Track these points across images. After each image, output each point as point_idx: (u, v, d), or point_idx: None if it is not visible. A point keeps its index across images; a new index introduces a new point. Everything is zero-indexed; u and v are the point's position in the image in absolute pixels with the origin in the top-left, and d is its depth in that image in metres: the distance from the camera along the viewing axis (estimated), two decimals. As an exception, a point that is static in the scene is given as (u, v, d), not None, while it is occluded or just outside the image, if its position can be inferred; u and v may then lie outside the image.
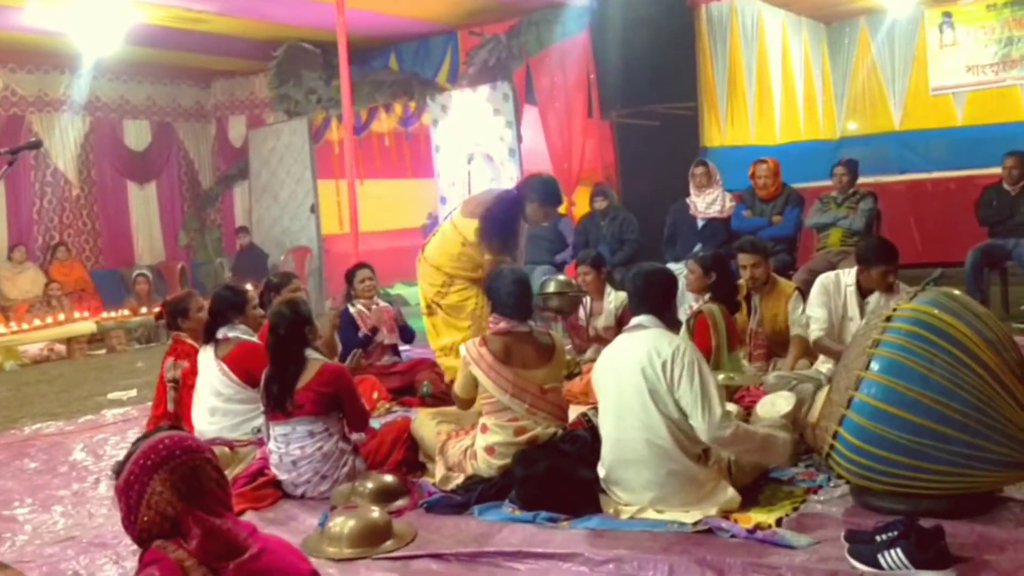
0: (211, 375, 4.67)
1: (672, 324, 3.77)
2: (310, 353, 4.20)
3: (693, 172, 7.82)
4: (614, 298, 6.11)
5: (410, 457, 4.33)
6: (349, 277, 6.40)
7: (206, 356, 4.74)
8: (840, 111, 9.86)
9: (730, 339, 5.04)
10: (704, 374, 3.47)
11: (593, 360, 5.87)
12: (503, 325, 4.06)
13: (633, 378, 3.51)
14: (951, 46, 9.28)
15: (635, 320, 3.72)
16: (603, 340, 5.86)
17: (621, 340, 3.75)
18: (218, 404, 4.64)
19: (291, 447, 4.09)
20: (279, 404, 4.09)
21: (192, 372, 4.86)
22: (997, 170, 7.30)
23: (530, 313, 4.17)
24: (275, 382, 4.12)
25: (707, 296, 5.17)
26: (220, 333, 4.75)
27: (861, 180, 7.38)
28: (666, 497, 3.48)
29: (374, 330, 6.20)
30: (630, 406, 3.52)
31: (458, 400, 4.26)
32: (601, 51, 10.30)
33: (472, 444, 4.05)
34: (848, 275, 4.98)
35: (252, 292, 5.32)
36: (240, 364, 4.62)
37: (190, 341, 5.06)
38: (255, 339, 4.81)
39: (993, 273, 7.11)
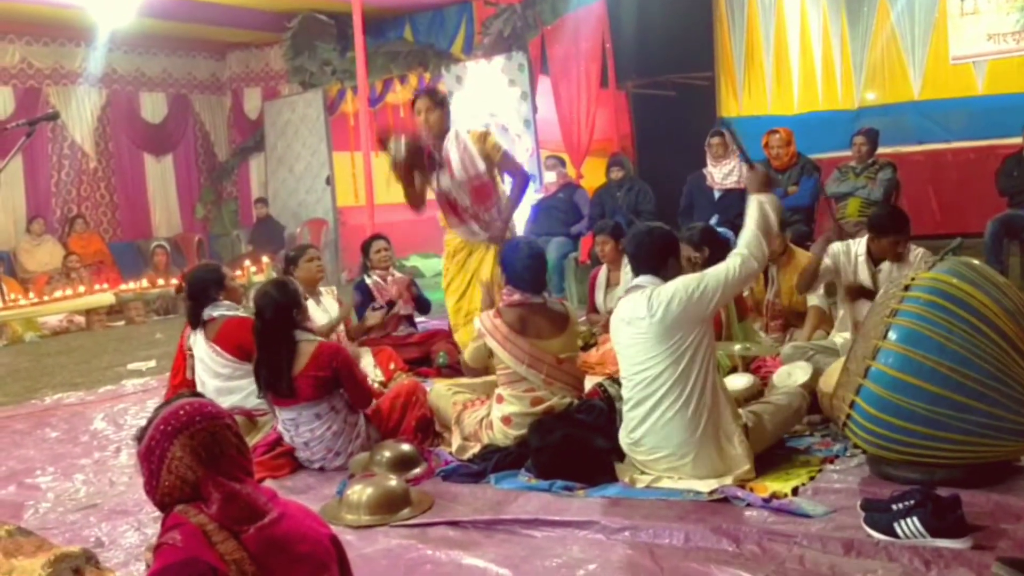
0: (207, 359, 4.60)
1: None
2: (301, 335, 4.08)
3: (710, 142, 7.78)
4: (631, 268, 6.09)
5: (423, 416, 4.32)
6: (365, 248, 6.41)
7: (198, 340, 4.64)
8: (859, 80, 9.73)
9: (739, 309, 5.05)
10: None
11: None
12: (517, 297, 4.06)
13: (640, 335, 3.52)
14: (972, 14, 9.14)
15: (635, 281, 3.73)
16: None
17: (623, 303, 3.74)
18: (221, 384, 4.57)
19: (300, 429, 4.09)
20: (272, 389, 4.03)
21: None
22: (1018, 140, 7.22)
23: (544, 286, 4.17)
24: (264, 367, 4.04)
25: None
26: (205, 314, 4.63)
27: (880, 150, 7.31)
28: (687, 452, 3.48)
29: (391, 303, 6.20)
30: (643, 361, 3.53)
31: (466, 368, 4.27)
32: (617, 20, 10.22)
33: (488, 414, 4.07)
34: (858, 244, 4.95)
35: (227, 267, 5.23)
36: (230, 341, 4.52)
37: None
38: (240, 312, 4.67)
39: (1012, 243, 7.05)
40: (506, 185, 5.42)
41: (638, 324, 3.55)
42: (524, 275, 4.07)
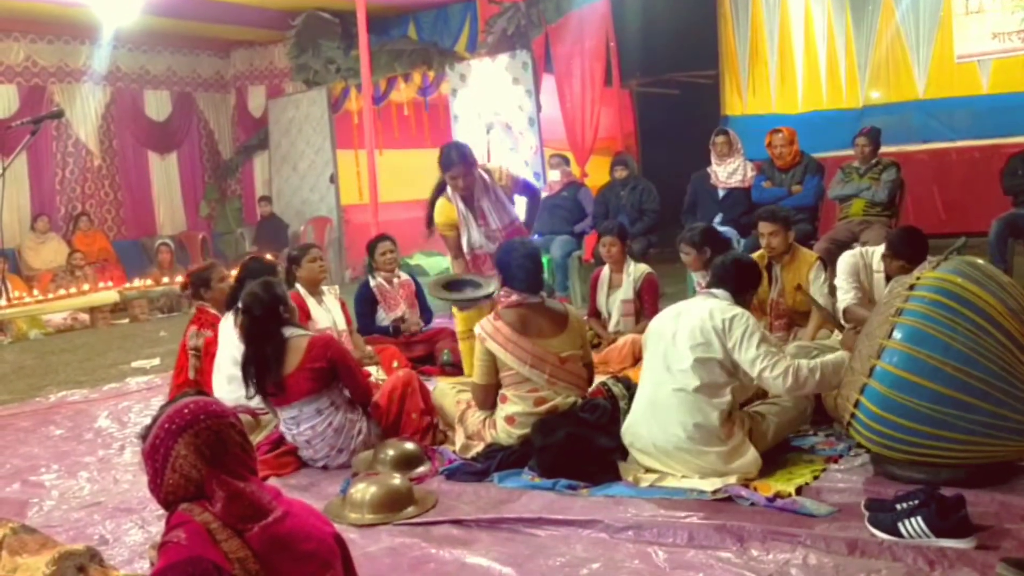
0: (230, 343, 4.64)
1: (743, 307, 3.80)
2: (292, 331, 4.09)
3: (714, 141, 7.76)
4: (633, 270, 6.05)
5: (421, 408, 4.29)
6: (370, 249, 6.36)
7: (226, 324, 4.74)
8: (863, 79, 9.73)
9: None
10: (767, 337, 3.61)
11: (619, 333, 5.88)
12: (515, 297, 4.05)
13: (689, 329, 3.61)
14: (977, 13, 9.13)
15: (711, 289, 3.82)
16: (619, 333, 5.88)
17: (692, 300, 3.88)
18: (236, 372, 4.55)
19: (302, 427, 4.09)
20: (259, 388, 4.03)
21: (214, 342, 4.87)
22: (1023, 139, 7.21)
23: (540, 285, 4.15)
24: (252, 364, 4.03)
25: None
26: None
27: (884, 149, 7.29)
28: (689, 447, 3.51)
29: (397, 328, 6.15)
30: (680, 354, 3.59)
31: (477, 390, 4.13)
32: (621, 18, 10.22)
33: (491, 413, 4.07)
34: (873, 255, 4.92)
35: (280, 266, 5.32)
36: None
37: (213, 311, 5.08)
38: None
39: (1017, 243, 7.03)
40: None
41: (689, 321, 3.64)
42: (519, 275, 4.06)
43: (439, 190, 5.20)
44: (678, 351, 3.61)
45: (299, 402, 4.06)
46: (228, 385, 4.62)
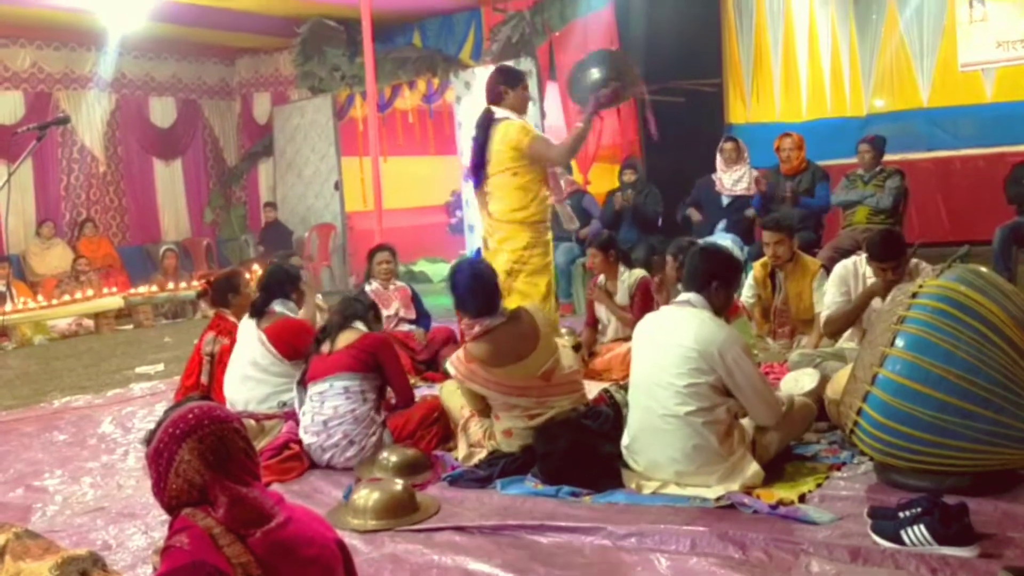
0: (250, 344, 4.73)
1: (720, 309, 3.67)
2: (360, 326, 4.40)
3: (722, 147, 7.78)
4: (627, 276, 6.08)
5: (438, 435, 4.35)
6: (370, 257, 6.51)
7: (247, 325, 4.82)
8: (867, 87, 9.73)
9: None
10: (753, 363, 3.54)
11: (616, 340, 5.88)
12: (477, 329, 4.00)
13: (675, 352, 3.49)
14: (981, 21, 9.13)
15: (683, 296, 3.67)
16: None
17: (669, 312, 3.69)
18: (252, 373, 4.69)
19: (325, 405, 4.15)
20: (324, 343, 4.32)
21: (229, 350, 4.93)
22: (1027, 147, 7.21)
23: (496, 304, 4.04)
24: (324, 329, 4.43)
25: None
26: (270, 306, 4.84)
27: (889, 157, 7.30)
28: (690, 470, 3.48)
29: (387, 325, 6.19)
30: (667, 379, 3.49)
31: (477, 414, 4.17)
32: (625, 26, 10.22)
33: (491, 425, 4.06)
34: (864, 264, 4.93)
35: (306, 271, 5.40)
36: (281, 337, 4.68)
37: (232, 319, 5.14)
38: (298, 317, 4.93)
39: (1021, 251, 7.03)
40: None
41: (674, 342, 3.51)
42: (469, 297, 4.01)
43: None
44: (666, 377, 3.48)
45: (332, 376, 4.17)
46: (241, 385, 4.72)
